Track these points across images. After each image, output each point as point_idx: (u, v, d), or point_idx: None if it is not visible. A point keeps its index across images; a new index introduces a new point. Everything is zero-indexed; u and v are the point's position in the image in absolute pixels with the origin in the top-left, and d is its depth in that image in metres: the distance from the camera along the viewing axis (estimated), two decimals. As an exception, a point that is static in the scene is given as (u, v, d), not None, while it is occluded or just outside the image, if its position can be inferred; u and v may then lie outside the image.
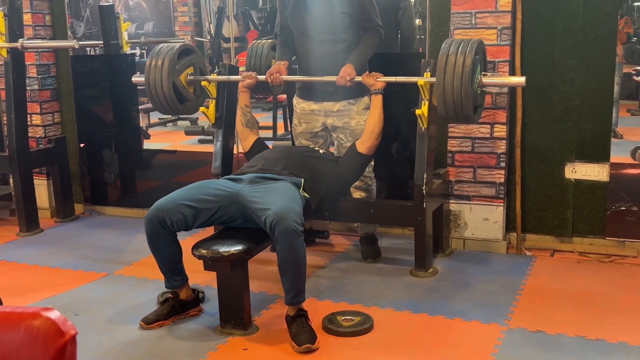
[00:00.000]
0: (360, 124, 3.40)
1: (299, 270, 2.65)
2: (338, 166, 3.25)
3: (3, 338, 0.88)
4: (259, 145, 3.43)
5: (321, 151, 3.35)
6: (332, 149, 3.64)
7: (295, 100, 3.62)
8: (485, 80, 3.08)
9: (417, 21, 4.72)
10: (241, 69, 5.01)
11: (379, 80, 3.25)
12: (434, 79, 3.05)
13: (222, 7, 6.63)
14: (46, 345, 0.86)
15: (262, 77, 3.47)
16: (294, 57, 3.61)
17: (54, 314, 0.90)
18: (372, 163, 3.54)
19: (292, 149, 3.42)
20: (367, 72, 3.30)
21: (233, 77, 3.57)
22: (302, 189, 2.92)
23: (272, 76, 3.42)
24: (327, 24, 3.35)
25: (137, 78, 3.70)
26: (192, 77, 3.53)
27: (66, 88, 4.71)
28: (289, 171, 2.99)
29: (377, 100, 3.27)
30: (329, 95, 3.37)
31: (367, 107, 3.44)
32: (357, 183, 3.47)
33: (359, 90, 3.37)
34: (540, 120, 3.61)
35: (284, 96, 4.47)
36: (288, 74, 3.50)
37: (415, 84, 3.15)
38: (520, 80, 3.17)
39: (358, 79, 3.26)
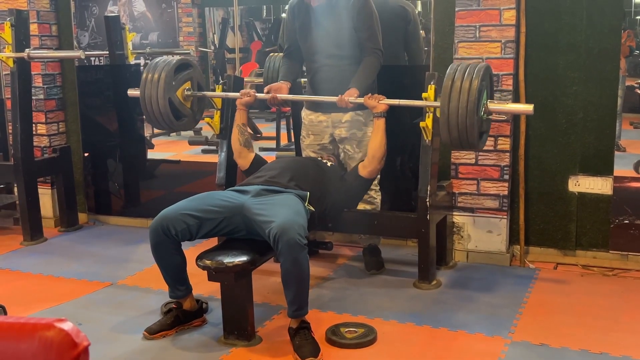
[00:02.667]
0: (368, 134, 3.41)
1: (302, 283, 2.65)
2: (343, 182, 3.25)
3: (17, 348, 0.89)
4: (258, 161, 3.39)
5: (329, 164, 3.35)
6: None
7: (304, 112, 3.64)
8: (491, 107, 2.95)
9: (421, 33, 4.76)
10: (247, 79, 5.04)
11: (381, 103, 3.17)
12: (437, 104, 2.98)
13: (226, 18, 6.68)
14: (59, 356, 0.87)
15: (261, 95, 3.40)
16: (298, 78, 3.63)
17: (67, 325, 0.91)
18: (378, 175, 3.55)
19: (299, 161, 3.42)
20: (370, 94, 3.25)
21: (231, 94, 3.49)
22: (308, 202, 2.93)
23: (271, 95, 3.37)
24: (335, 41, 3.37)
25: (132, 92, 3.53)
26: (189, 93, 3.43)
27: (71, 98, 4.73)
28: (295, 184, 3.00)
29: (380, 124, 3.20)
30: (337, 107, 3.38)
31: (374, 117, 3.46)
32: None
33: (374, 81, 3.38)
34: (543, 133, 3.62)
35: (288, 108, 4.48)
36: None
37: (419, 97, 3.16)
38: (528, 108, 3.03)
39: (360, 100, 3.20)
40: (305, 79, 3.79)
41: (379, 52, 3.36)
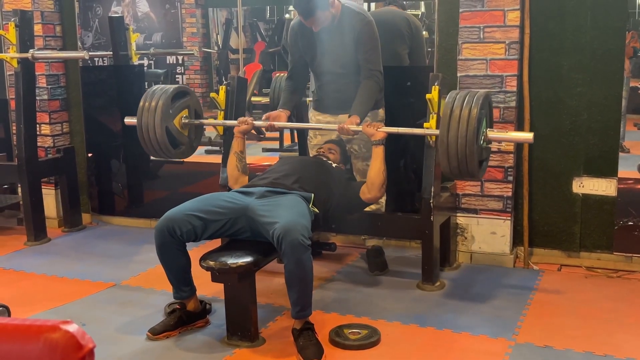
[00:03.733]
0: None
1: (306, 284, 2.65)
2: (347, 189, 3.23)
3: (22, 350, 0.89)
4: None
5: (334, 165, 3.35)
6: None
7: (311, 113, 3.65)
8: (491, 135, 2.93)
9: (425, 33, 4.77)
10: (254, 99, 5.05)
11: (379, 131, 3.12)
12: (437, 132, 2.93)
13: (230, 19, 6.68)
14: (64, 359, 0.87)
15: (258, 123, 3.36)
16: (301, 99, 3.65)
17: (72, 327, 0.91)
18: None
19: (304, 162, 3.41)
20: (369, 121, 3.23)
21: (229, 122, 3.44)
22: (312, 204, 2.92)
23: (269, 123, 3.35)
24: (340, 61, 3.37)
25: (129, 120, 3.48)
26: (186, 121, 3.40)
27: (75, 98, 4.74)
28: (300, 185, 2.99)
29: (378, 152, 3.12)
30: (344, 108, 3.38)
31: (382, 119, 3.46)
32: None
33: (374, 102, 3.38)
34: (548, 135, 3.61)
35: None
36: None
37: (422, 98, 3.16)
38: (528, 136, 3.02)
39: (358, 128, 3.16)
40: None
41: (378, 73, 3.34)
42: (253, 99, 5.45)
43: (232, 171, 3.30)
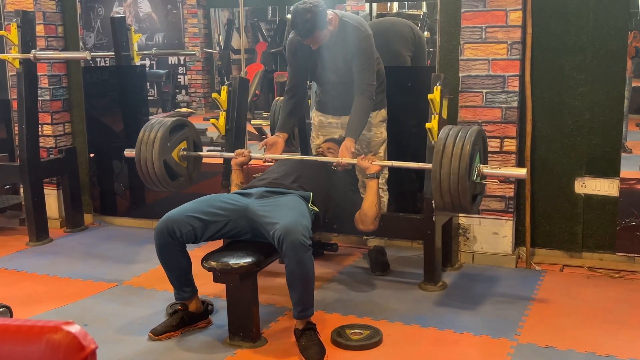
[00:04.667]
0: (377, 135, 3.45)
1: (307, 284, 2.65)
2: (347, 198, 3.21)
3: (24, 351, 0.89)
4: None
5: (333, 167, 3.35)
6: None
7: (314, 114, 3.66)
8: (485, 171, 2.89)
9: (426, 34, 4.78)
10: (254, 122, 5.05)
11: (374, 164, 3.09)
12: (430, 166, 2.89)
13: (232, 19, 6.68)
14: (67, 359, 0.87)
15: (255, 155, 3.32)
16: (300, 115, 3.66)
17: (74, 328, 0.91)
18: (386, 174, 3.55)
19: (303, 163, 3.41)
20: (363, 155, 3.20)
21: (226, 154, 3.41)
22: (312, 203, 2.92)
23: (265, 154, 3.33)
24: (339, 73, 3.36)
25: (129, 152, 3.44)
26: (185, 153, 3.37)
27: (77, 99, 4.74)
28: (299, 185, 3.00)
29: (372, 185, 3.09)
30: (347, 109, 3.37)
31: (384, 119, 3.47)
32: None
33: (375, 104, 3.38)
34: (550, 135, 3.61)
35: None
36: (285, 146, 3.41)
37: (424, 97, 3.16)
38: (521, 172, 2.99)
39: (353, 161, 3.12)
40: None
41: (371, 87, 3.29)
42: (253, 121, 5.42)
43: None
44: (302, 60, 3.42)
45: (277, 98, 4.31)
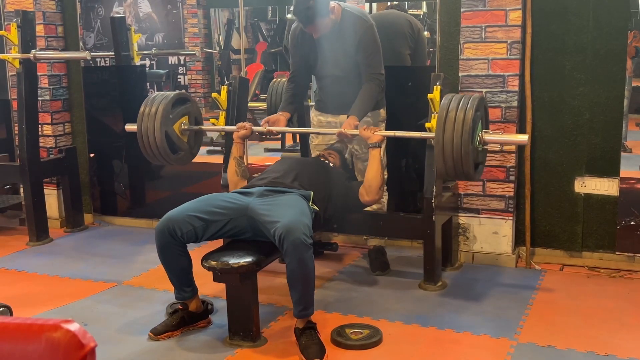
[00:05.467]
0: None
1: (308, 283, 2.65)
2: (348, 190, 3.22)
3: (24, 350, 0.89)
4: None
5: (331, 164, 3.35)
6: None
7: (313, 113, 3.66)
8: (486, 137, 2.94)
9: (426, 34, 4.78)
10: (251, 104, 5.04)
11: (376, 134, 3.10)
12: (432, 135, 2.94)
13: (232, 19, 6.68)
14: (66, 358, 0.87)
15: (257, 128, 3.36)
16: (303, 102, 3.65)
17: (74, 326, 0.91)
18: (386, 174, 3.55)
19: (303, 162, 3.43)
20: (365, 126, 3.20)
21: (227, 128, 3.45)
22: (312, 202, 2.93)
23: (267, 128, 3.35)
24: (341, 65, 3.37)
25: (130, 126, 3.48)
26: (186, 127, 3.41)
27: (77, 99, 4.75)
28: (299, 183, 3.00)
29: (375, 154, 3.10)
30: (345, 108, 3.38)
31: (383, 119, 3.47)
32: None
33: (375, 103, 3.39)
34: (550, 134, 3.61)
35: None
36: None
37: (424, 98, 3.16)
38: (523, 138, 3.04)
39: (355, 132, 3.15)
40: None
41: (380, 76, 3.34)
42: (250, 104, 5.45)
43: (232, 176, 3.29)
44: (304, 51, 3.43)
45: (275, 80, 4.30)
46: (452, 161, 2.81)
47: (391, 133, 3.19)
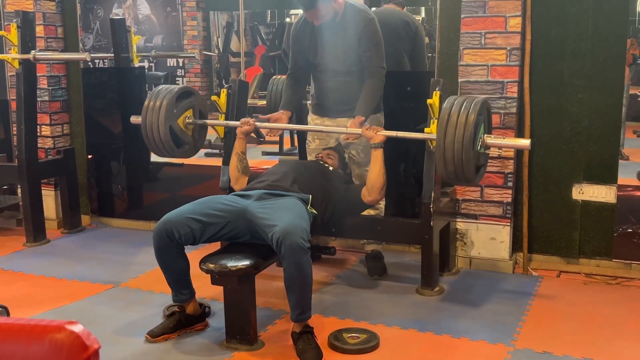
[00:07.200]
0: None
1: (305, 286, 2.65)
2: (347, 193, 3.23)
3: (27, 351, 0.89)
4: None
5: (330, 168, 3.36)
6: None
7: (310, 117, 3.66)
8: (489, 141, 2.93)
9: (425, 39, 4.77)
10: (250, 101, 5.03)
11: (378, 134, 3.11)
12: (434, 136, 2.94)
13: (231, 22, 6.69)
14: (70, 359, 0.87)
15: (260, 124, 3.38)
16: (302, 101, 3.65)
17: (77, 328, 0.91)
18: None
19: (301, 165, 3.43)
20: (368, 125, 3.22)
21: (231, 123, 3.46)
22: (310, 205, 2.93)
23: (271, 125, 3.37)
24: (341, 58, 3.38)
25: (135, 119, 3.53)
26: (190, 121, 3.43)
27: (76, 100, 4.74)
28: (298, 186, 3.00)
29: (377, 155, 3.12)
30: (342, 112, 3.38)
31: (380, 123, 3.47)
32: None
33: (380, 99, 3.39)
34: (548, 141, 3.62)
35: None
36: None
37: (423, 103, 3.16)
38: (525, 142, 3.05)
39: (357, 131, 3.17)
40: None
41: (381, 70, 3.35)
42: (249, 101, 5.46)
43: (233, 171, 3.31)
44: (304, 43, 3.44)
45: (275, 76, 4.30)
46: (453, 166, 2.80)
47: (393, 133, 3.19)
